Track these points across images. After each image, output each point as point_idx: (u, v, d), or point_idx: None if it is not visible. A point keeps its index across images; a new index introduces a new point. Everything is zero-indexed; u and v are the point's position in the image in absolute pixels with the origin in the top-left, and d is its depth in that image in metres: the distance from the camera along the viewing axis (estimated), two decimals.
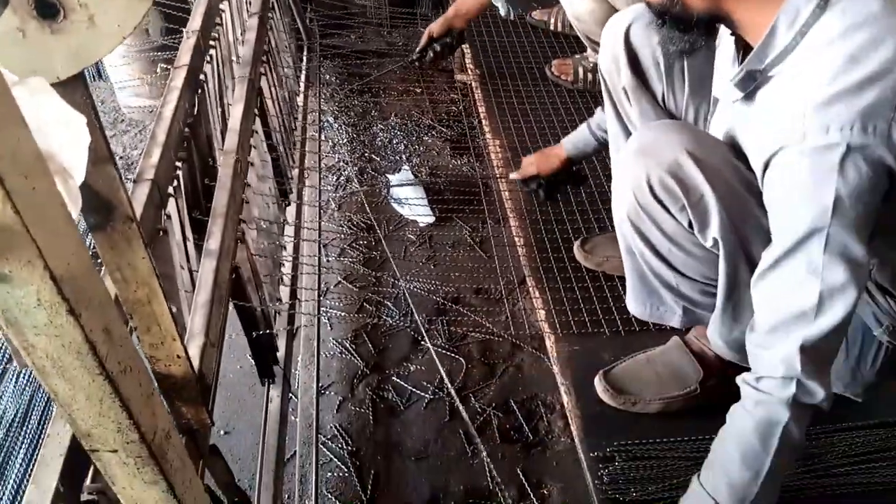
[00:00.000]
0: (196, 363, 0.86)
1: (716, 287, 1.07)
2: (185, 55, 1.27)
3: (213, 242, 1.05)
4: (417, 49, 2.13)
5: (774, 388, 0.87)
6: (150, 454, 0.53)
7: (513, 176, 1.67)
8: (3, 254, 0.39)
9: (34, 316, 0.42)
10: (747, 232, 0.96)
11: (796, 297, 0.84)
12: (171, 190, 1.08)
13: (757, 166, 0.90)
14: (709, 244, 0.98)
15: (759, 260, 0.97)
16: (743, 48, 0.98)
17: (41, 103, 0.41)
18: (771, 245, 0.87)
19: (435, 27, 2.07)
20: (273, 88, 1.76)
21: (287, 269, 1.65)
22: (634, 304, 1.17)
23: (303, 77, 2.46)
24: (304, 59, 2.58)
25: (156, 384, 0.56)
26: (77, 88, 0.54)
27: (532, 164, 1.61)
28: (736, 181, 0.93)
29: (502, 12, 2.04)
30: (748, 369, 1.18)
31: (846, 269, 0.81)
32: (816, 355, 0.85)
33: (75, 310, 0.42)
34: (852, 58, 0.78)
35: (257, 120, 1.51)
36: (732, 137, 1.01)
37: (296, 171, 1.89)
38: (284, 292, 1.59)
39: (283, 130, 1.82)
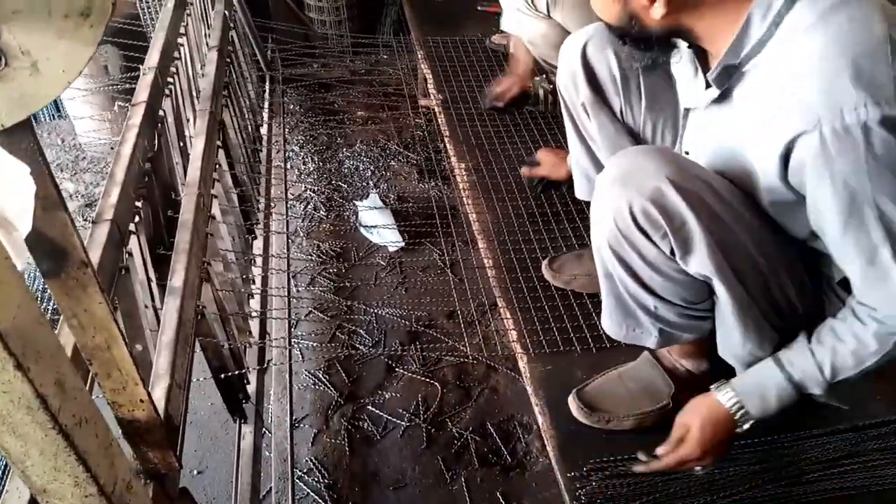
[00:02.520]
0: (161, 406, 0.84)
1: (695, 310, 1.07)
2: (142, 92, 1.26)
3: (176, 280, 1.04)
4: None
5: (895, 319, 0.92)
6: None
7: (523, 170, 1.74)
8: None
9: None
10: (733, 259, 0.97)
11: (874, 257, 0.87)
12: (132, 227, 1.07)
13: (764, 158, 0.91)
14: (692, 270, 0.98)
15: (748, 280, 0.99)
16: (702, 58, 1.01)
17: None
18: (825, 221, 0.89)
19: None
20: (235, 120, 1.76)
21: (256, 302, 1.63)
22: (610, 325, 1.16)
23: (266, 107, 2.45)
24: (267, 89, 2.57)
25: (115, 433, 0.55)
26: (24, 136, 0.53)
27: (545, 165, 1.67)
28: (718, 207, 0.94)
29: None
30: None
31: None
32: None
33: (23, 364, 0.41)
34: (835, 41, 0.81)
35: (220, 153, 1.50)
36: (714, 144, 1.02)
37: (262, 203, 1.88)
38: (254, 326, 1.57)
39: (247, 162, 1.81)
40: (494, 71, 2.38)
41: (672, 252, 0.97)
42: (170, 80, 1.42)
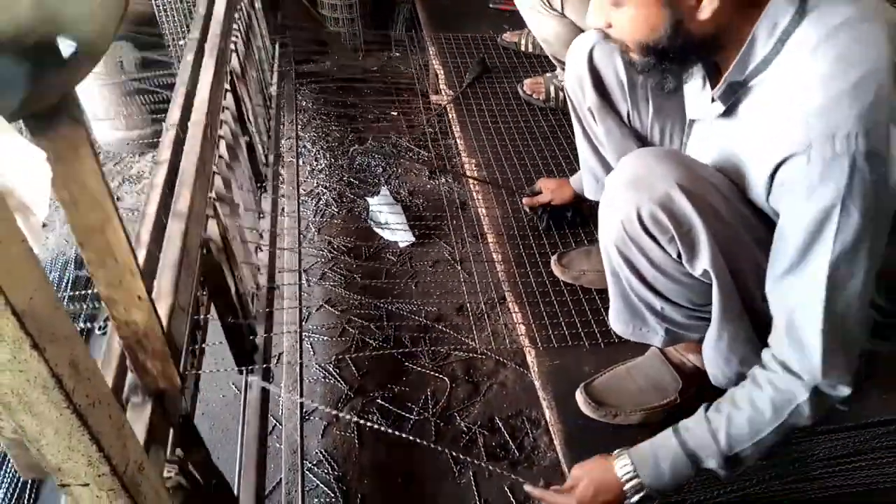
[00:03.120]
0: (164, 322, 0.79)
1: (701, 311, 1.07)
2: (164, 151, 1.18)
3: (181, 204, 0.99)
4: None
5: (794, 384, 0.91)
6: (122, 486, 0.53)
7: (524, 200, 1.67)
8: None
9: None
10: (737, 263, 0.97)
11: (808, 302, 0.87)
12: None
13: (758, 176, 0.91)
14: (698, 273, 0.98)
15: (751, 290, 0.99)
16: (710, 72, 1.00)
17: None
18: (780, 251, 0.89)
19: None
20: (246, 72, 1.74)
21: (264, 255, 1.62)
22: (617, 324, 1.17)
23: (275, 69, 2.45)
24: (277, 53, 2.58)
25: (125, 417, 0.56)
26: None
27: (547, 191, 1.63)
28: (725, 211, 0.94)
29: None
30: None
31: (855, 268, 0.84)
32: (837, 355, 0.88)
33: (39, 344, 0.43)
34: (840, 60, 0.80)
35: (230, 96, 1.48)
36: (716, 156, 1.02)
37: (270, 158, 1.89)
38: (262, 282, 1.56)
39: (255, 114, 1.80)
40: (506, 67, 2.38)
41: (679, 255, 0.97)
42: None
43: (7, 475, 1.52)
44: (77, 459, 0.50)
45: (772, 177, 0.88)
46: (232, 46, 1.64)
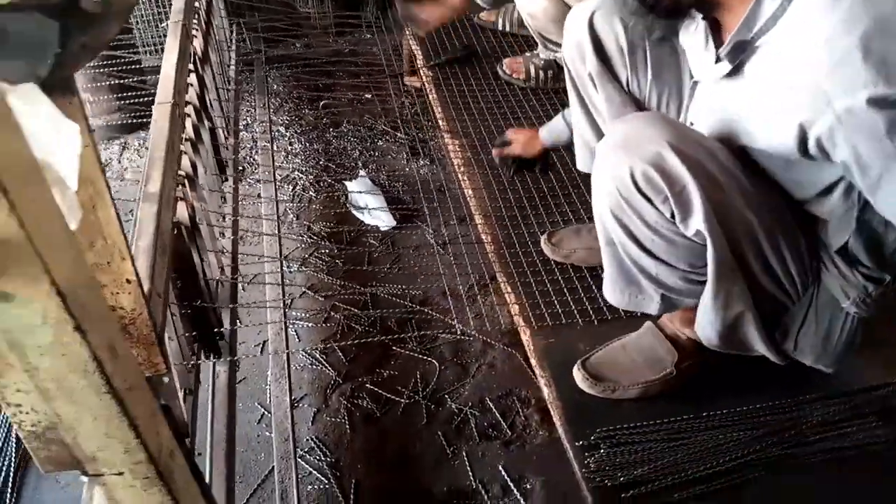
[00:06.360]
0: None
1: (695, 274, 1.08)
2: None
3: (152, 186, 0.98)
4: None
5: None
6: (157, 474, 0.51)
7: (494, 151, 1.68)
8: (5, 270, 0.37)
9: (39, 335, 0.40)
10: (730, 223, 0.98)
11: None
12: None
13: (778, 132, 0.90)
14: (690, 233, 0.99)
15: (744, 249, 1.01)
16: (714, 31, 1.01)
17: (33, 111, 0.39)
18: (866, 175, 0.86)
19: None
20: (207, 52, 1.71)
21: (227, 241, 1.60)
22: (612, 294, 1.18)
23: (234, 49, 2.40)
24: (235, 36, 2.52)
25: (157, 404, 0.54)
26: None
27: (517, 143, 1.63)
28: (717, 171, 0.95)
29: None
30: (722, 353, 1.21)
31: None
32: None
33: (81, 326, 0.40)
34: (848, 16, 0.80)
35: (193, 77, 1.47)
36: (721, 116, 1.02)
37: (231, 140, 1.86)
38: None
39: (218, 96, 1.77)
40: (483, 47, 2.36)
41: (672, 215, 0.99)
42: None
43: None
44: (114, 447, 0.48)
45: (801, 137, 0.88)
46: (195, 24, 1.61)
